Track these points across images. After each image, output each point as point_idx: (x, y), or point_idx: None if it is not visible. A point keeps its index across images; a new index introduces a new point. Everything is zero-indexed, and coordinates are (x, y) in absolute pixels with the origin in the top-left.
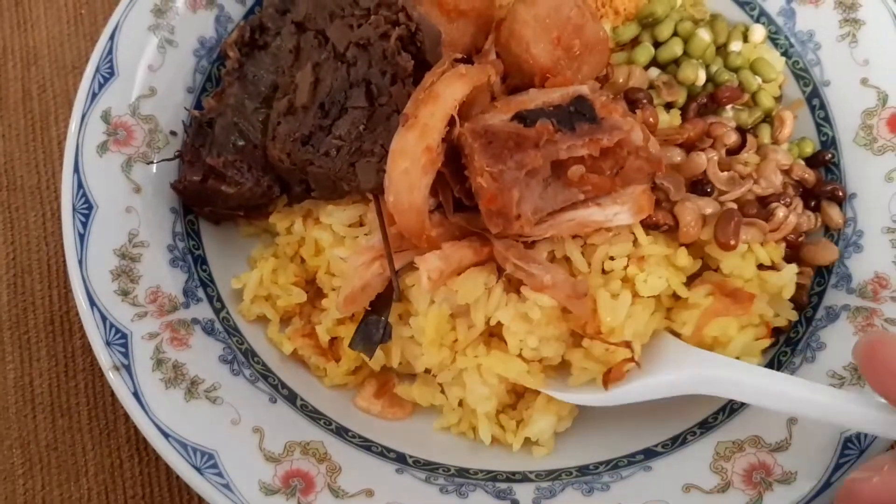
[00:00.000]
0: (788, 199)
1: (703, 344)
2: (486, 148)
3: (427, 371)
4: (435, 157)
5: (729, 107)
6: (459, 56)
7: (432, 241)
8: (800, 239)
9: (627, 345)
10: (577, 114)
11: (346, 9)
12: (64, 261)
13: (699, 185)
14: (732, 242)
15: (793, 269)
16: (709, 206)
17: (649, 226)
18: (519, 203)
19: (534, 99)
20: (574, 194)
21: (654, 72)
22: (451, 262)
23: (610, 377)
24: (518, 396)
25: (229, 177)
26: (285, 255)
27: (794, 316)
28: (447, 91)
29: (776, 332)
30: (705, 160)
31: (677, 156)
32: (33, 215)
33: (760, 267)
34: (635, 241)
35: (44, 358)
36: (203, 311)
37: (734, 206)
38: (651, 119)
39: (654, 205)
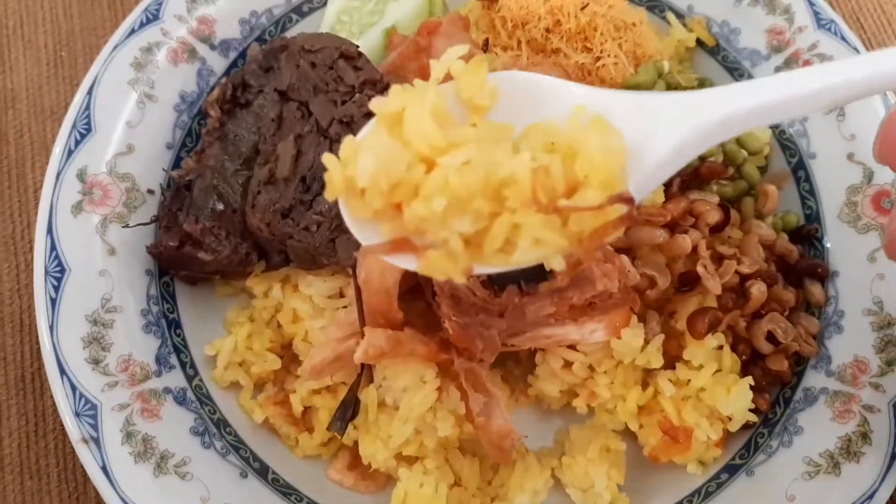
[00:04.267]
0: (772, 278)
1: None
2: (453, 300)
3: None
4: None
5: (713, 182)
6: None
7: (396, 323)
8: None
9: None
10: None
11: (330, 84)
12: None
13: (687, 279)
14: (702, 331)
15: (745, 393)
16: None
17: None
18: (483, 348)
19: None
20: (545, 319)
21: None
22: (397, 348)
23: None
24: (494, 472)
25: (206, 244)
26: (261, 319)
27: (752, 417)
28: None
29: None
30: (689, 243)
31: (660, 236)
32: (6, 266)
33: None
34: None
35: (14, 417)
36: (175, 379)
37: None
38: None
39: (638, 294)
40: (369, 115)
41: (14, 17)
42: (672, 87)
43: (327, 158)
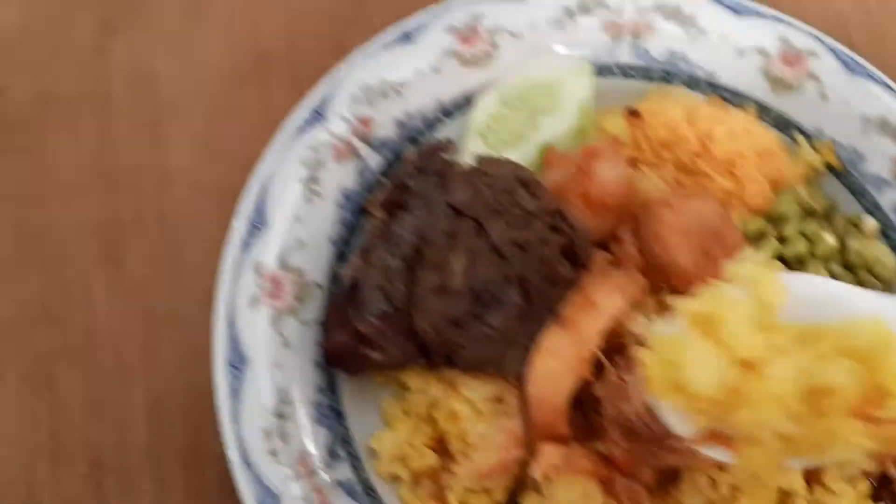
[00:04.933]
0: None
1: None
2: (624, 429)
3: None
4: (586, 366)
5: None
6: (609, 256)
7: (562, 437)
8: None
9: None
10: None
11: (507, 207)
12: (198, 395)
13: None
14: None
15: None
16: None
17: None
18: (648, 472)
19: None
20: None
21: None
22: (569, 466)
23: None
24: None
25: (378, 344)
26: (417, 413)
27: None
28: (606, 302)
29: None
30: None
31: None
32: (168, 342)
33: None
34: None
35: (179, 491)
36: (344, 471)
37: None
38: None
39: None
40: (546, 241)
41: (171, 96)
42: (808, 211)
43: (647, 358)
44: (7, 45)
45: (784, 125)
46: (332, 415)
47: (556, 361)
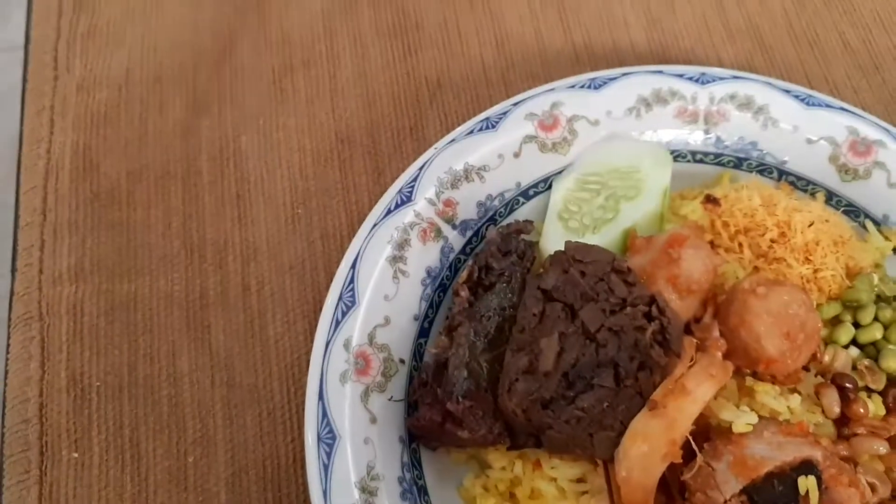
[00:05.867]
0: None
1: None
2: None
3: None
4: (677, 450)
5: None
6: (696, 341)
7: None
8: None
9: None
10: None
11: (600, 294)
12: (277, 463)
13: None
14: None
15: None
16: None
17: None
18: None
19: (764, 457)
20: None
21: (853, 351)
22: None
23: None
24: None
25: (466, 423)
26: (497, 491)
27: None
28: (698, 390)
29: None
30: None
31: (883, 448)
32: (250, 414)
33: None
34: None
35: None
36: None
37: None
38: (862, 410)
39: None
40: (640, 328)
41: (255, 173)
42: (882, 298)
43: None
44: (101, 123)
45: (853, 212)
46: (416, 490)
47: (648, 445)
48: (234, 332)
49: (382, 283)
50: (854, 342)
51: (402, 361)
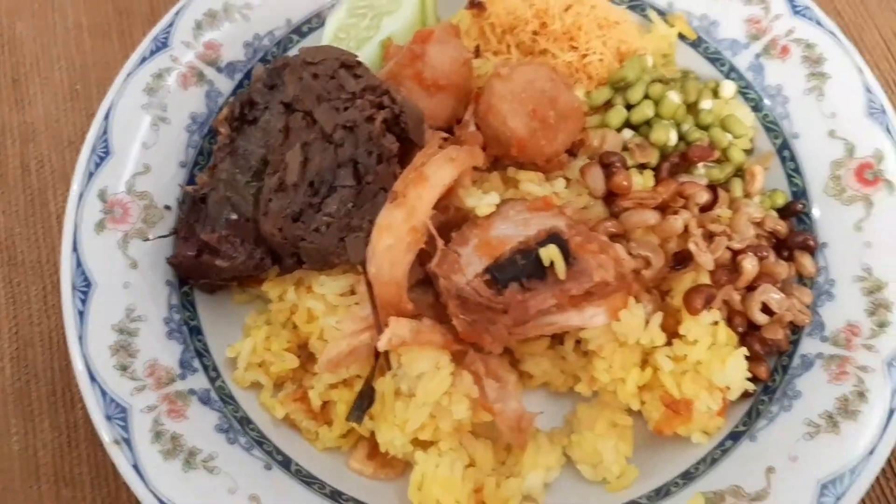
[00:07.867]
0: (763, 252)
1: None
2: (459, 300)
3: None
4: (419, 237)
5: (701, 164)
6: (444, 134)
7: (407, 314)
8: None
9: None
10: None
11: (332, 92)
12: (63, 333)
13: (681, 258)
14: (698, 307)
15: (740, 364)
16: None
17: None
18: (491, 341)
19: (508, 236)
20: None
21: (626, 133)
22: (418, 337)
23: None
24: (507, 453)
25: (223, 251)
26: (278, 322)
27: (750, 386)
28: (437, 174)
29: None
30: (680, 223)
31: (652, 218)
32: (34, 289)
33: None
34: None
35: (47, 429)
36: (199, 381)
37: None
38: (625, 183)
39: (634, 275)
40: (370, 118)
41: (31, 55)
42: (657, 80)
43: None
44: None
45: (636, 4)
46: (186, 330)
47: (392, 238)
48: (15, 212)
49: (138, 132)
50: (629, 125)
51: (167, 208)
